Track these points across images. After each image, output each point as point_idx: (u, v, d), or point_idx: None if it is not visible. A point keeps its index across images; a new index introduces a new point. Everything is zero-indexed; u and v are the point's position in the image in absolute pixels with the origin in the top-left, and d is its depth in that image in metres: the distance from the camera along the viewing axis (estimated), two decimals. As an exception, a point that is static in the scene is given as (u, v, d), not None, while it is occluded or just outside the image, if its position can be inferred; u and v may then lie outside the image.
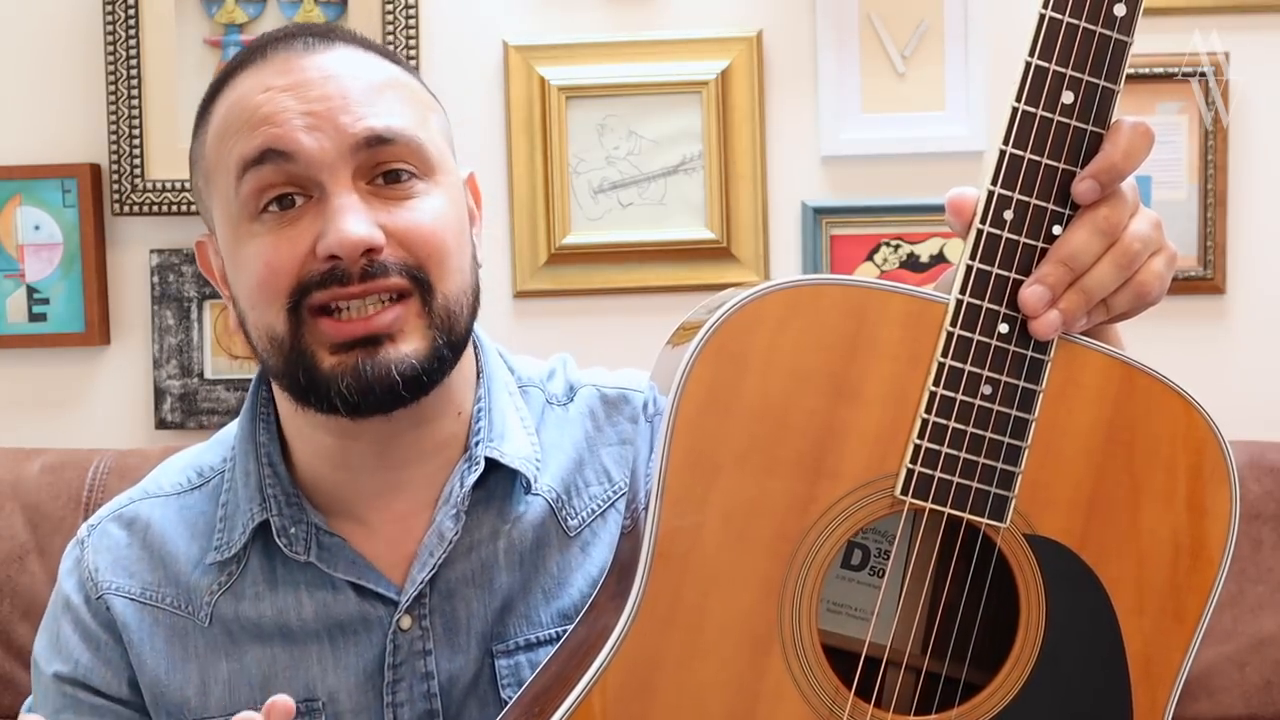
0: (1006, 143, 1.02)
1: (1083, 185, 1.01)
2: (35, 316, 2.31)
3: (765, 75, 2.28)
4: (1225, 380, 2.27)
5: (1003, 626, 1.05)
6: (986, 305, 1.02)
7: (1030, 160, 1.02)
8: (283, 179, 1.14)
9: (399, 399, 1.14)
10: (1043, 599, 1.03)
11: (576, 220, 2.30)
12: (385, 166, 1.15)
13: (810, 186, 2.30)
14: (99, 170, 2.31)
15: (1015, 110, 1.01)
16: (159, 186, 2.28)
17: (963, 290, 1.02)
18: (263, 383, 1.26)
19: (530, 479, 1.22)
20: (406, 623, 1.20)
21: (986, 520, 1.02)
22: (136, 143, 2.28)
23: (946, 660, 1.08)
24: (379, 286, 1.13)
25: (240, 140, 1.15)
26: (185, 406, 2.31)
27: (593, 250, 2.29)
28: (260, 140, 1.14)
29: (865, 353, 1.01)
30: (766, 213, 2.29)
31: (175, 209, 2.29)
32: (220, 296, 1.27)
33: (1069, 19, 1.01)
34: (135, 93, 2.27)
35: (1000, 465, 1.02)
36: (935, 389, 1.01)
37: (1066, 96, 1.02)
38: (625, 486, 1.25)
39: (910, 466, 1.01)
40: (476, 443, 1.22)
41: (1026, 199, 1.02)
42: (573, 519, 1.24)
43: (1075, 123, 1.02)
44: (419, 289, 1.15)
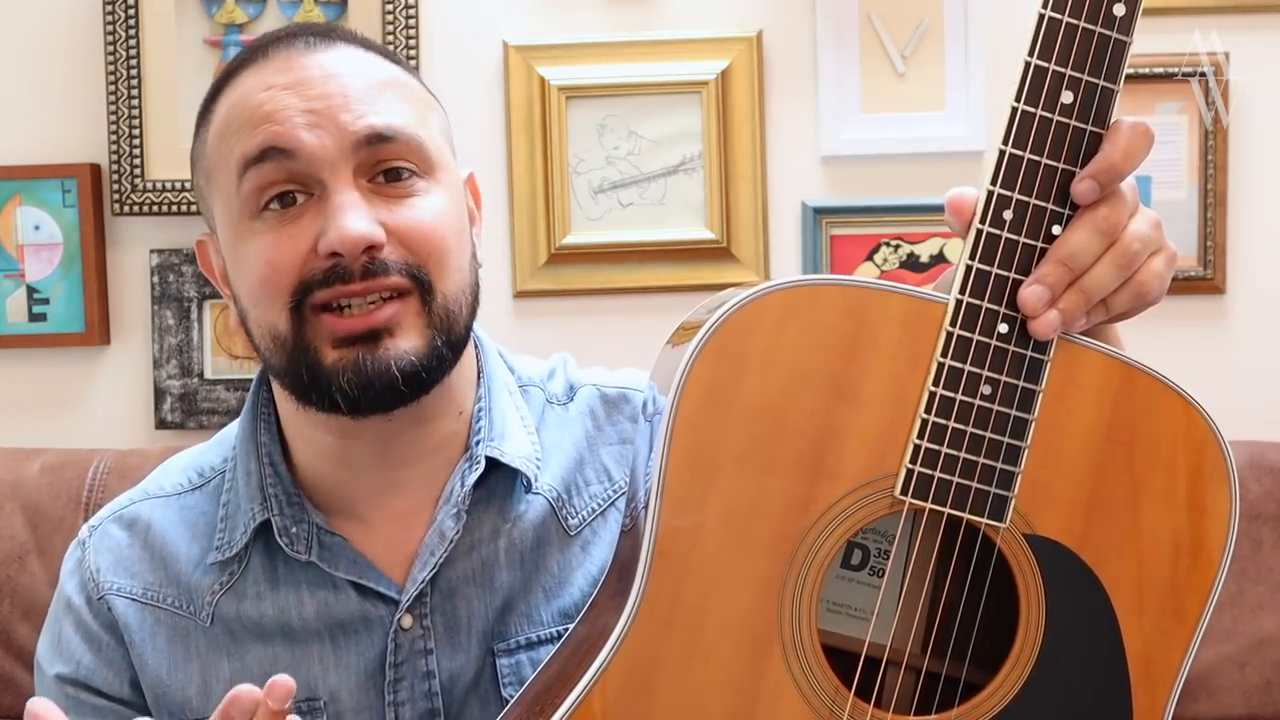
0: (1006, 143, 1.02)
1: (1082, 185, 1.01)
2: (35, 316, 2.31)
3: (765, 75, 2.28)
4: (1225, 380, 2.27)
5: (1003, 626, 1.05)
6: (986, 305, 1.02)
7: (1030, 160, 1.02)
8: (284, 177, 1.14)
9: (399, 395, 1.14)
10: (1042, 599, 1.03)
11: (576, 220, 2.30)
12: (386, 164, 1.16)
13: (810, 186, 2.30)
14: (99, 170, 2.31)
15: (1015, 110, 1.01)
16: (159, 186, 2.28)
17: (962, 290, 1.02)
18: (263, 383, 1.26)
19: (531, 478, 1.22)
20: (408, 622, 1.20)
21: (986, 520, 1.02)
22: (136, 143, 2.28)
23: (946, 660, 1.08)
24: (380, 285, 1.13)
25: (241, 138, 1.15)
26: (185, 406, 2.31)
27: (593, 250, 2.29)
28: (261, 138, 1.14)
29: (865, 353, 1.01)
30: (766, 213, 2.29)
31: (175, 209, 2.28)
32: (220, 296, 1.27)
33: (1068, 19, 1.01)
34: (135, 93, 2.27)
35: (1000, 465, 1.02)
36: (935, 389, 1.01)
37: (1066, 96, 1.02)
38: (625, 486, 1.25)
39: (910, 466, 1.01)
40: (477, 442, 1.22)
41: (1026, 199, 1.02)
42: (573, 518, 1.24)
43: (1075, 123, 1.02)
44: (418, 288, 1.15)
